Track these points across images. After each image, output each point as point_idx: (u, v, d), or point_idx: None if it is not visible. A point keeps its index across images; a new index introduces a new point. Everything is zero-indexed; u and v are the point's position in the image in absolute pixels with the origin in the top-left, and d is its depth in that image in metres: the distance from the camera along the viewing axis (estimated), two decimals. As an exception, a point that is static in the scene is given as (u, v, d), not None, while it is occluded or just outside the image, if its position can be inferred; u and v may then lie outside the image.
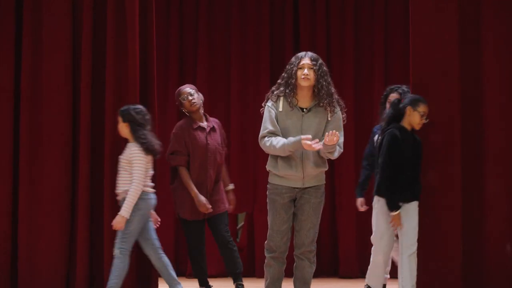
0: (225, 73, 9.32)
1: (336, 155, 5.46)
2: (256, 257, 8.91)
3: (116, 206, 6.50)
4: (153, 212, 6.51)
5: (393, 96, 6.71)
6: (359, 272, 8.87)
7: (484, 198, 6.47)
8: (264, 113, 5.55)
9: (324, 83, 5.45)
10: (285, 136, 5.42)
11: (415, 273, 6.07)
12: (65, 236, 6.79)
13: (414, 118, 6.05)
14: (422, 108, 6.05)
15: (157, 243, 6.48)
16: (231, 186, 7.22)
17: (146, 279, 6.78)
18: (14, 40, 6.97)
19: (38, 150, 6.86)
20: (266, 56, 9.14)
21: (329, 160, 5.60)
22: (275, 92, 5.55)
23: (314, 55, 5.54)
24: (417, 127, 6.10)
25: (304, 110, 5.48)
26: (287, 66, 5.56)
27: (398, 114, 6.15)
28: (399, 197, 6.03)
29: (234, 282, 6.99)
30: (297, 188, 5.48)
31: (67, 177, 6.83)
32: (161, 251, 6.47)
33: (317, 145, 5.23)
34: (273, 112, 5.49)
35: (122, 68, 6.84)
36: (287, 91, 5.48)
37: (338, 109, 5.54)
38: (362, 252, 8.94)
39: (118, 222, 6.15)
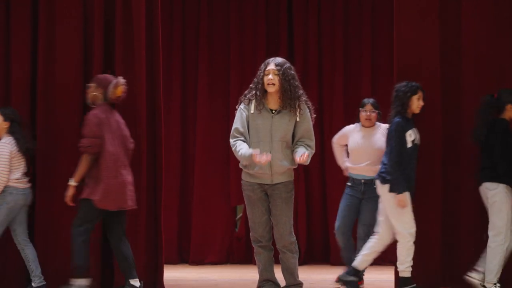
0: (225, 74, 9.28)
1: (308, 160, 5.47)
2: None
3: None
4: None
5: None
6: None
7: (461, 193, 6.55)
8: (236, 114, 5.56)
9: (288, 87, 5.40)
10: (256, 136, 5.44)
11: None
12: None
13: None
14: None
15: (23, 236, 6.50)
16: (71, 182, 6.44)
17: (153, 267, 6.73)
18: (30, 43, 6.93)
19: (52, 143, 6.83)
20: (262, 53, 8.96)
21: (320, 156, 5.66)
22: (247, 96, 5.54)
23: (281, 60, 5.49)
24: None
25: (274, 111, 5.46)
26: (258, 71, 5.56)
27: (492, 109, 6.28)
28: None
29: (127, 280, 6.35)
30: (266, 184, 5.48)
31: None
32: (28, 243, 6.49)
33: (264, 159, 5.23)
34: (244, 114, 5.50)
35: (129, 72, 6.79)
36: (257, 94, 5.47)
37: (306, 110, 5.51)
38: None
39: None
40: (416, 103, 6.22)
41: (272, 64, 5.46)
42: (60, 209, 6.70)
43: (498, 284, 6.13)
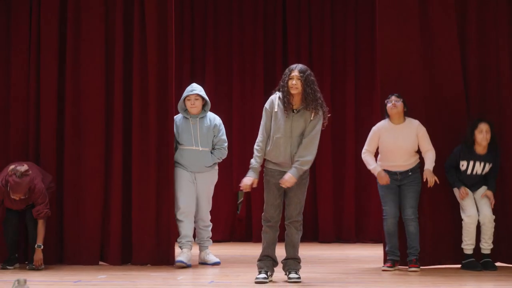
0: (228, 76, 9.21)
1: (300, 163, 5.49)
2: (252, 226, 8.85)
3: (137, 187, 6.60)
4: None
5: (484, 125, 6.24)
6: (335, 238, 8.90)
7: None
8: (263, 114, 5.61)
9: (309, 90, 5.48)
10: (278, 131, 5.46)
11: None
12: (100, 207, 6.72)
13: None
14: None
15: None
16: None
17: (164, 253, 6.66)
18: (57, 55, 6.85)
19: (79, 140, 6.79)
20: (261, 63, 9.04)
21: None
22: (273, 96, 5.61)
23: (303, 67, 5.56)
24: None
25: (294, 111, 5.52)
26: (283, 75, 5.60)
27: None
28: None
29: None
30: (286, 171, 5.49)
31: (102, 162, 6.75)
32: None
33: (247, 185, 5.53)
34: (268, 113, 5.56)
35: (144, 78, 6.77)
36: (282, 95, 5.53)
37: (320, 112, 5.54)
38: (337, 222, 8.99)
39: None
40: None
41: (296, 70, 5.52)
42: (84, 200, 6.72)
43: None
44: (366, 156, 6.37)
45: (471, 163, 6.26)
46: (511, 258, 6.42)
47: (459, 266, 6.32)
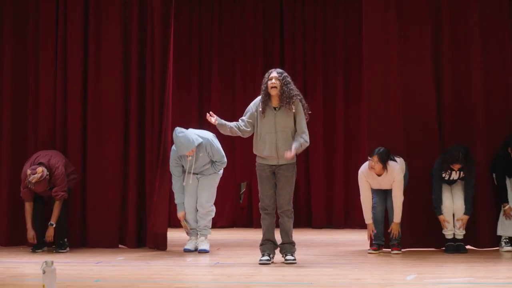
0: (231, 81, 9.14)
1: (303, 147, 5.48)
2: (253, 214, 8.73)
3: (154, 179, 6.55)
4: None
5: None
6: (326, 224, 8.85)
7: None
8: (247, 108, 5.60)
9: (286, 89, 5.45)
10: (264, 128, 5.45)
11: None
12: (119, 197, 6.74)
13: None
14: None
15: None
16: None
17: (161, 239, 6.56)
18: (82, 62, 6.86)
19: (99, 141, 6.79)
20: (260, 70, 8.65)
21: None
22: (258, 98, 5.56)
23: (280, 70, 5.57)
24: None
25: (275, 109, 5.49)
26: (263, 79, 5.56)
27: None
28: None
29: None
30: (274, 165, 5.48)
31: (120, 157, 6.77)
32: None
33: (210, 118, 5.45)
34: (252, 110, 5.53)
35: (154, 84, 6.70)
36: (263, 96, 5.50)
37: (299, 104, 5.49)
38: (328, 209, 8.95)
39: None
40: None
41: (275, 72, 5.52)
42: (105, 191, 6.73)
43: None
44: (365, 205, 6.19)
45: (448, 172, 6.24)
46: (478, 243, 6.42)
47: (443, 249, 6.28)
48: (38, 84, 6.91)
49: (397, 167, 6.10)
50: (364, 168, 6.21)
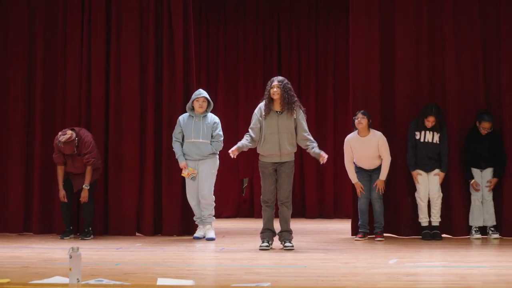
0: (234, 88, 9.15)
1: (316, 145, 5.52)
2: (254, 205, 8.76)
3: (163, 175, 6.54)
4: None
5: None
6: (318, 214, 8.85)
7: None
8: (253, 115, 5.59)
9: (286, 95, 5.44)
10: (268, 129, 5.43)
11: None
12: (137, 191, 6.72)
13: None
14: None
15: None
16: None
17: (188, 226, 6.64)
18: (104, 69, 6.82)
19: (119, 139, 6.76)
20: (260, 80, 8.85)
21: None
22: (261, 103, 5.55)
23: (281, 78, 5.53)
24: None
25: (278, 112, 5.48)
26: (266, 86, 5.55)
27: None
28: None
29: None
30: (276, 162, 5.47)
31: (137, 156, 6.73)
32: None
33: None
34: (257, 116, 5.51)
35: (172, 88, 6.72)
36: (266, 102, 5.50)
37: (300, 110, 5.51)
38: (320, 202, 8.94)
39: None
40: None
41: (276, 81, 5.50)
42: (124, 184, 6.72)
43: None
44: (348, 168, 6.31)
45: (423, 133, 6.23)
46: (451, 230, 6.41)
47: (420, 237, 6.28)
48: (66, 88, 6.84)
49: (379, 132, 6.22)
50: (349, 135, 6.30)
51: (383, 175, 6.20)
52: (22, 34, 7.00)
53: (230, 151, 5.44)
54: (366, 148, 6.19)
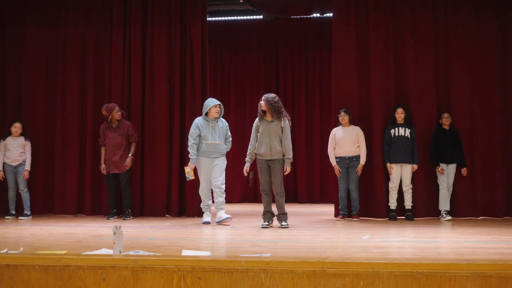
0: (243, 103, 9.18)
1: (289, 157, 5.43)
2: (257, 193, 8.82)
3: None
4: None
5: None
6: (307, 200, 8.84)
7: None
8: (252, 130, 5.55)
9: (273, 108, 5.39)
10: (263, 134, 5.38)
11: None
12: (166, 181, 6.66)
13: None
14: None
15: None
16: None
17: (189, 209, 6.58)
18: (141, 79, 6.74)
19: (152, 138, 6.69)
20: (262, 91, 8.79)
21: (294, 145, 5.65)
22: (258, 117, 5.52)
23: (268, 96, 5.44)
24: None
25: (269, 121, 5.45)
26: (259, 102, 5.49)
27: None
28: None
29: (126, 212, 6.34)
30: (268, 160, 5.44)
31: (167, 152, 6.67)
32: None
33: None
34: (254, 130, 5.48)
35: (192, 97, 6.68)
36: (261, 114, 5.48)
37: (286, 120, 5.43)
38: (309, 189, 8.94)
39: None
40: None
41: (262, 101, 5.45)
42: (156, 174, 6.67)
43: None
44: (330, 154, 6.29)
45: (396, 129, 6.18)
46: (423, 213, 6.34)
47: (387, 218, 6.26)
48: (111, 94, 6.79)
49: (358, 127, 6.22)
50: (334, 128, 6.30)
51: (363, 159, 6.13)
52: (77, 46, 6.96)
53: (244, 171, 5.48)
54: (347, 135, 6.18)
